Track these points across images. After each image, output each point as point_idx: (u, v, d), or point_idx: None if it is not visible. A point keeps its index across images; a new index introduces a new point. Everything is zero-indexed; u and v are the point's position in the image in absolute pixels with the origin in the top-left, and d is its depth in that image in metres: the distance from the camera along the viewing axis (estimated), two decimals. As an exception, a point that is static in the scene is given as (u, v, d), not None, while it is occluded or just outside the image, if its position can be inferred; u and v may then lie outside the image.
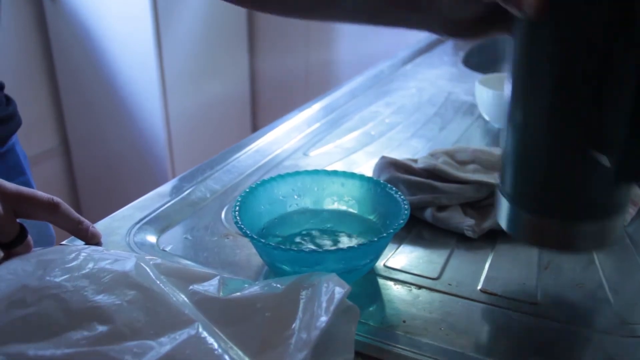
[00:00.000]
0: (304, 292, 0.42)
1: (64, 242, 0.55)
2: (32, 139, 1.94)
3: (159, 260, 0.46)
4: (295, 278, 0.43)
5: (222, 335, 0.40)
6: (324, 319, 0.38)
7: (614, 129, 0.40)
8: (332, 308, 0.39)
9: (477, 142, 0.84)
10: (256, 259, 0.55)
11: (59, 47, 1.91)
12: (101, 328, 0.38)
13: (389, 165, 0.66)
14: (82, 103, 1.97)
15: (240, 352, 0.38)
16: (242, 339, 0.39)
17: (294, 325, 0.39)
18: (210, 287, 0.44)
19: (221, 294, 0.43)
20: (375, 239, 0.49)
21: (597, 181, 0.43)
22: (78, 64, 1.90)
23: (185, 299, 0.42)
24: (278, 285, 0.43)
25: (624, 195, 0.46)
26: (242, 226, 0.50)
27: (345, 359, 0.39)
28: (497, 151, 0.69)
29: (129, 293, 0.40)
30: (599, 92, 0.41)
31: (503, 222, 0.50)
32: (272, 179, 0.58)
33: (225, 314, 0.41)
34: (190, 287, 0.43)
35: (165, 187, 0.69)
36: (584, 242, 0.47)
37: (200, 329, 0.38)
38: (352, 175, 0.59)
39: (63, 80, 1.95)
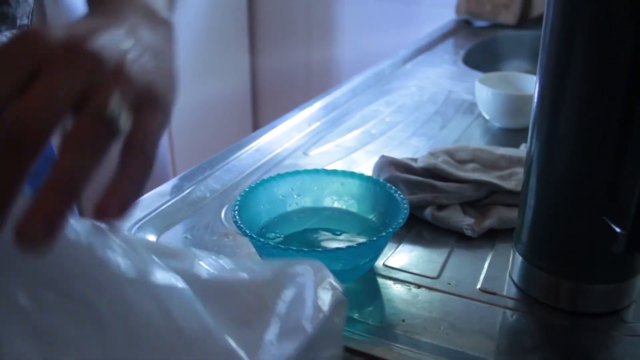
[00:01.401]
0: (289, 278, 0.39)
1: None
2: (33, 138, 1.94)
3: (136, 236, 0.42)
4: (278, 262, 0.41)
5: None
6: (320, 315, 0.37)
7: (628, 198, 0.41)
8: (327, 306, 0.38)
9: (477, 141, 0.84)
10: (256, 258, 0.55)
11: (59, 46, 1.91)
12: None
13: (388, 164, 0.66)
14: (83, 102, 1.97)
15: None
16: (220, 318, 0.38)
17: (276, 309, 0.37)
18: (187, 263, 0.40)
19: (200, 271, 0.40)
20: (375, 238, 0.49)
21: (610, 247, 0.43)
22: (79, 63, 1.90)
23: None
24: (258, 268, 0.41)
25: (639, 261, 0.47)
26: (242, 225, 0.50)
27: (333, 354, 0.38)
28: (496, 150, 0.69)
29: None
30: (616, 160, 0.42)
31: (516, 277, 0.51)
32: (272, 178, 0.58)
33: (204, 293, 0.38)
34: (167, 262, 0.39)
35: (166, 186, 0.69)
36: (598, 304, 0.48)
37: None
38: (352, 175, 0.59)
39: (64, 79, 1.96)
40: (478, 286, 0.52)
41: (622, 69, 0.40)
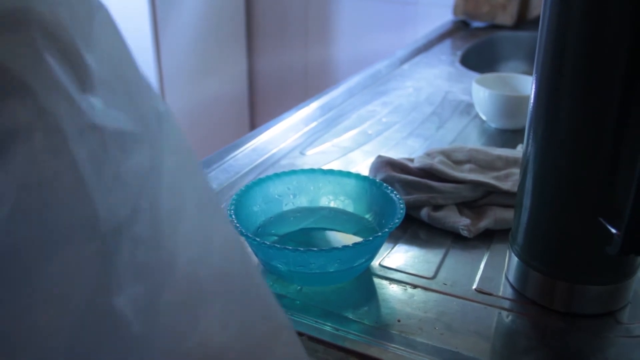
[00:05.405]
0: None
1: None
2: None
3: None
4: None
5: None
6: None
7: (624, 199, 0.41)
8: None
9: (473, 142, 0.84)
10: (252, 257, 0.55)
11: (56, 45, 1.90)
12: None
13: (385, 164, 0.66)
14: (79, 101, 1.96)
15: None
16: None
17: None
18: None
19: None
20: (371, 238, 0.49)
21: (606, 248, 0.43)
22: (75, 62, 1.89)
23: None
24: None
25: (635, 262, 0.47)
26: (238, 225, 0.50)
27: None
28: (493, 151, 0.69)
29: None
30: (612, 161, 0.42)
31: (512, 278, 0.51)
32: (268, 177, 0.58)
33: None
34: None
35: (162, 186, 0.69)
36: (593, 306, 0.48)
37: None
38: (348, 175, 0.59)
39: (60, 78, 1.95)
40: (474, 287, 0.52)
41: (617, 70, 0.40)
